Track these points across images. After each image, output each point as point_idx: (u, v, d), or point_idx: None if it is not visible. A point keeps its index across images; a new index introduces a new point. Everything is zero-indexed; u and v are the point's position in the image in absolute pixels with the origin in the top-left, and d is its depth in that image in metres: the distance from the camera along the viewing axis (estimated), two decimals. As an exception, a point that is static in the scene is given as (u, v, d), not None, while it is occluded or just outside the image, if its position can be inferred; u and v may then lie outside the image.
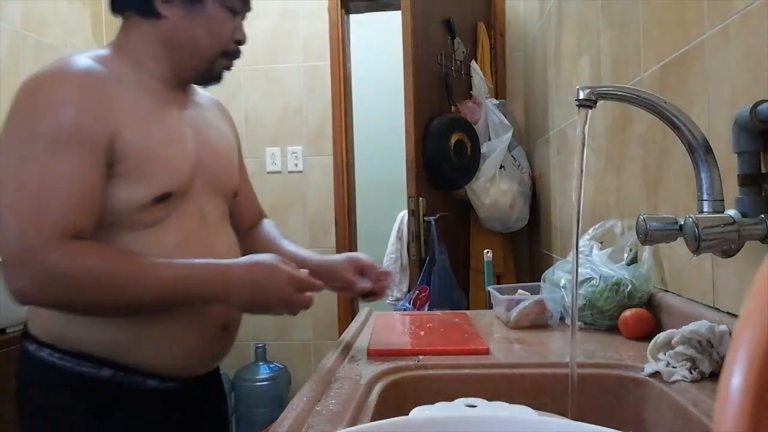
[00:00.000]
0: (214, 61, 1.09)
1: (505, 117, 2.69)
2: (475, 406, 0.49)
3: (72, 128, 0.93)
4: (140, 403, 1.03)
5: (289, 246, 1.27)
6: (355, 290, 1.16)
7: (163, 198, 1.01)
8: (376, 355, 1.06)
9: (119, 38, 1.08)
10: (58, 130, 0.92)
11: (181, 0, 1.04)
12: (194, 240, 1.06)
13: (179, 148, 1.05)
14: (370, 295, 1.17)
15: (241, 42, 1.10)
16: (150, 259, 0.95)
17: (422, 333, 1.22)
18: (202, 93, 1.23)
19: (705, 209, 0.78)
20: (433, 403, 0.52)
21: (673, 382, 0.83)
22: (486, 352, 1.05)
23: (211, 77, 1.12)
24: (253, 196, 1.35)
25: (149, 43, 1.06)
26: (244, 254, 1.10)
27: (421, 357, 1.02)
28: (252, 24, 1.09)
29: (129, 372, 1.02)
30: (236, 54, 1.11)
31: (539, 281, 1.35)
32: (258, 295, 0.97)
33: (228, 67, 1.12)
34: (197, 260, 0.98)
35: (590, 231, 1.34)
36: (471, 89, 2.77)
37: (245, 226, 1.30)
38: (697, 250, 0.75)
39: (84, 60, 1.00)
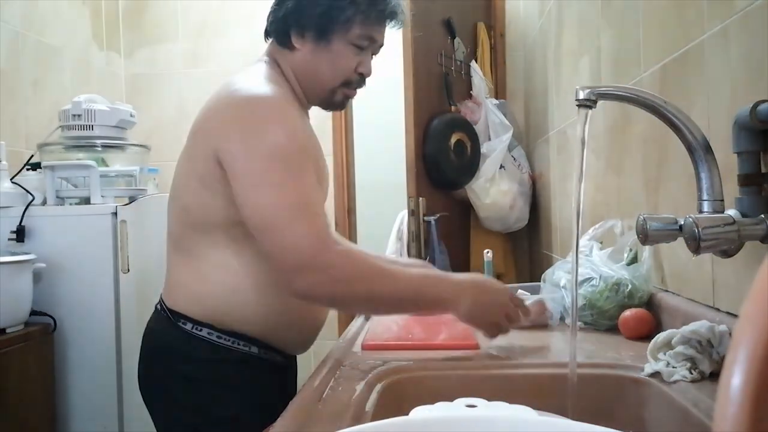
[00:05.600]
0: (336, 91, 1.19)
1: (505, 117, 2.68)
2: (475, 406, 0.49)
3: (303, 146, 1.08)
4: (273, 374, 1.21)
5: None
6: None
7: None
8: (369, 349, 1.08)
9: (271, 60, 1.20)
10: (296, 150, 1.06)
11: (313, 36, 1.15)
12: None
13: (323, 171, 1.21)
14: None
15: (364, 75, 1.20)
16: (397, 263, 1.16)
17: (418, 328, 1.24)
18: None
19: (705, 209, 0.78)
20: (433, 403, 0.52)
21: (673, 382, 0.83)
22: (475, 347, 1.07)
23: (332, 104, 1.22)
24: None
25: (287, 69, 1.19)
26: None
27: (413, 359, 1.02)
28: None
29: (269, 349, 1.18)
30: (358, 84, 1.21)
31: (539, 281, 1.35)
32: (480, 306, 1.05)
33: (349, 96, 1.22)
34: (437, 274, 1.15)
35: (590, 231, 1.35)
36: (471, 89, 2.77)
37: None
38: (697, 250, 0.75)
39: (273, 84, 1.12)
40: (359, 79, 1.20)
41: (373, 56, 1.22)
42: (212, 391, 1.14)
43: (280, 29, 1.17)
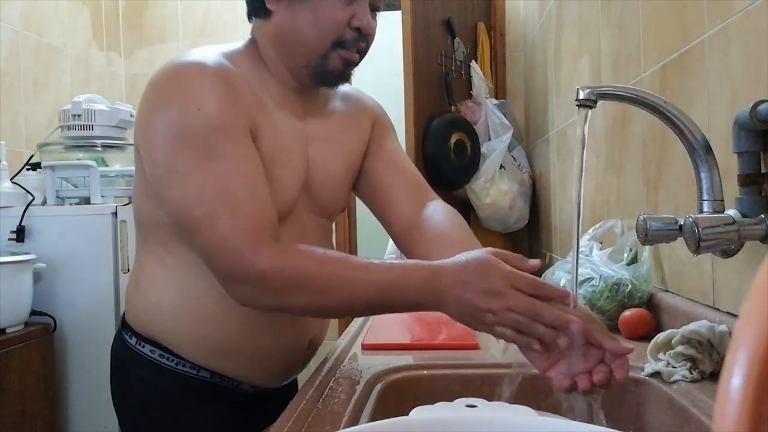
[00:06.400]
0: (327, 55, 0.96)
1: (505, 117, 2.68)
2: (475, 406, 0.49)
3: (218, 123, 0.88)
4: (235, 401, 1.05)
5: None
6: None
7: None
8: (369, 349, 1.08)
9: (250, 39, 1.03)
10: (206, 128, 0.87)
11: None
12: None
13: (287, 166, 0.98)
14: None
15: (361, 30, 0.96)
16: (357, 261, 0.86)
17: (418, 328, 1.23)
18: (345, 97, 1.14)
19: (705, 209, 0.78)
20: (433, 403, 0.52)
21: (673, 382, 0.83)
22: (476, 347, 1.07)
23: (329, 74, 0.99)
24: (409, 189, 1.16)
25: (266, 43, 1.00)
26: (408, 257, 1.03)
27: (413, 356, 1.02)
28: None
29: (225, 377, 1.03)
30: (354, 43, 0.97)
31: (539, 281, 1.35)
32: (468, 303, 0.78)
33: (349, 61, 0.98)
34: (409, 262, 0.87)
35: (590, 231, 1.34)
36: (471, 89, 2.77)
37: (404, 225, 1.17)
38: (697, 250, 0.75)
39: (215, 56, 0.94)
40: (356, 36, 0.96)
41: (375, 12, 1.00)
42: (162, 417, 1.03)
43: None
